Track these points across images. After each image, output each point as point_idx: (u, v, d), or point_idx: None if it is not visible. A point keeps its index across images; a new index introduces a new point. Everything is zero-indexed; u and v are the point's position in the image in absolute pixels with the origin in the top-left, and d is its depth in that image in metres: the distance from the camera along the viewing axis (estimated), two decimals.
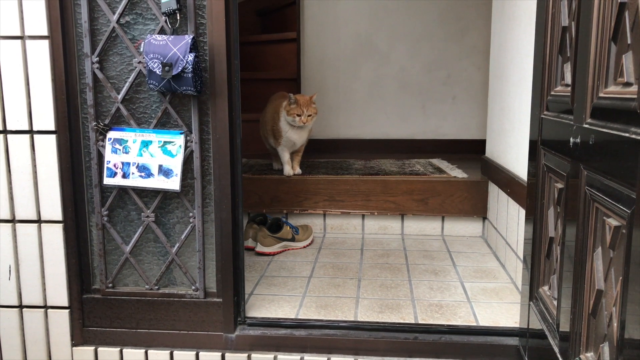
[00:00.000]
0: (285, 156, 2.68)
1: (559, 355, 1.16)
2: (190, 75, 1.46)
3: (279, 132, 2.61)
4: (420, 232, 2.63)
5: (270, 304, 1.82)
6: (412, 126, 3.60)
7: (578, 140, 1.05)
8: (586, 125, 1.01)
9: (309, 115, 2.53)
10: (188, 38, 1.45)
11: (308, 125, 2.59)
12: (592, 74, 0.99)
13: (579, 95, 1.06)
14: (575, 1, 1.13)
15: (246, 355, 1.62)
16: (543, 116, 1.35)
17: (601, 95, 0.95)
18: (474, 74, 3.50)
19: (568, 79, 1.17)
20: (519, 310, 1.66)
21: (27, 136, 1.59)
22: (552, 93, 1.30)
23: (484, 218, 2.57)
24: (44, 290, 1.67)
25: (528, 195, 1.51)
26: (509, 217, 2.11)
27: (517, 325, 1.64)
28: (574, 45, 1.11)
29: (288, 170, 2.66)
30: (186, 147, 1.56)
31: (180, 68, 1.45)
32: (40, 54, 1.55)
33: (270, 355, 1.62)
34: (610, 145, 0.89)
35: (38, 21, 1.53)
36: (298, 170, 2.70)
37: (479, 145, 2.91)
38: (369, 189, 2.59)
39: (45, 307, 1.68)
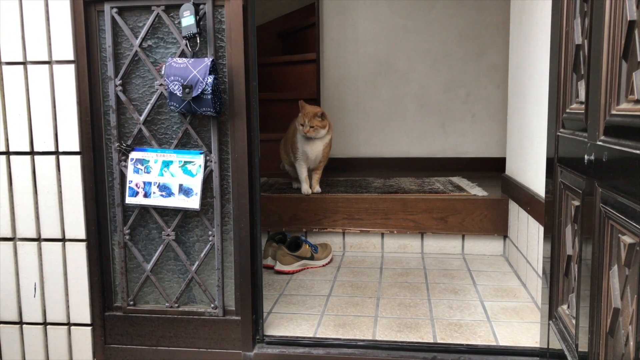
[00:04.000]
0: (302, 173, 2.66)
1: None
2: (209, 96, 1.50)
3: (295, 144, 2.64)
4: (440, 251, 2.61)
5: (288, 322, 1.82)
6: (431, 144, 3.60)
7: (592, 157, 1.05)
8: (600, 143, 1.01)
9: (312, 127, 2.53)
10: (208, 61, 1.49)
11: (313, 135, 2.57)
12: (604, 91, 0.99)
13: (592, 112, 1.06)
14: (588, 19, 1.13)
15: None
16: (559, 134, 1.35)
17: (613, 112, 0.96)
18: (493, 92, 3.49)
19: (582, 96, 1.18)
20: (539, 329, 1.64)
21: (53, 157, 1.64)
22: (568, 110, 1.30)
23: (505, 236, 2.54)
24: (68, 307, 1.70)
25: (546, 213, 1.50)
26: (529, 235, 2.09)
27: (537, 345, 1.61)
28: (587, 63, 1.12)
29: (305, 188, 2.66)
30: (206, 167, 1.60)
31: (200, 90, 1.49)
32: (67, 78, 1.61)
33: None
34: (623, 162, 0.89)
35: (65, 46, 1.59)
36: (317, 189, 2.68)
37: (499, 163, 2.90)
38: (388, 207, 2.59)
39: (69, 324, 1.71)
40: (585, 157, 1.09)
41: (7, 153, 1.66)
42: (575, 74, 1.25)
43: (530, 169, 2.13)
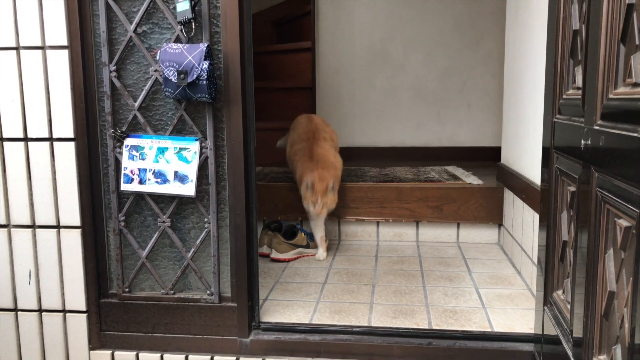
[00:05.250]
0: (317, 232, 2.40)
1: None
2: (205, 82, 1.49)
3: (306, 203, 2.29)
4: (435, 239, 2.62)
5: (284, 309, 1.82)
6: (427, 134, 3.60)
7: (589, 142, 1.05)
8: (596, 127, 1.01)
9: (324, 204, 2.24)
10: (203, 46, 1.48)
11: (327, 213, 2.30)
12: (601, 75, 0.99)
13: (589, 97, 1.06)
14: (586, 4, 1.13)
15: (260, 359, 1.63)
16: (555, 120, 1.35)
17: (611, 96, 0.96)
18: (489, 81, 3.49)
19: (579, 82, 1.18)
20: (534, 316, 1.65)
21: (47, 143, 1.63)
22: (564, 96, 1.30)
23: (500, 225, 2.55)
24: (63, 294, 1.70)
25: (542, 202, 1.51)
26: (525, 223, 2.10)
27: (532, 331, 1.62)
28: (585, 48, 1.12)
29: (321, 253, 2.38)
30: (201, 154, 1.59)
31: (195, 75, 1.47)
32: (60, 64, 1.59)
33: None
34: (620, 145, 0.89)
35: (58, 31, 1.58)
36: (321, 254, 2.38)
37: (495, 153, 2.90)
38: (384, 196, 2.60)
39: (64, 311, 1.71)
40: (582, 142, 1.09)
41: (1, 139, 1.64)
42: (572, 59, 1.25)
43: (526, 157, 2.14)
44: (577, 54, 1.20)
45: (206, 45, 1.49)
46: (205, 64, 1.47)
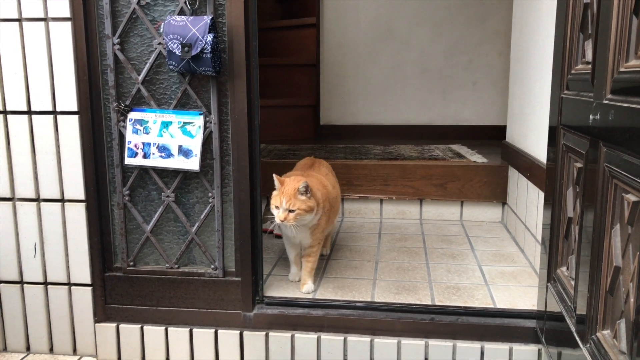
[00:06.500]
0: (290, 253, 1.85)
1: (576, 336, 1.16)
2: (209, 55, 1.47)
3: (270, 207, 1.68)
4: (438, 217, 2.62)
5: (288, 284, 1.83)
6: (432, 112, 3.58)
7: (598, 117, 1.04)
8: (606, 101, 0.99)
9: (291, 212, 1.60)
10: (207, 19, 1.46)
11: (294, 224, 1.62)
12: (613, 48, 0.98)
13: (599, 71, 1.04)
14: None
15: (264, 333, 1.65)
16: (563, 95, 1.34)
17: (622, 69, 0.94)
18: (495, 59, 3.45)
19: (589, 56, 1.16)
20: (537, 293, 1.65)
21: (51, 117, 1.62)
22: (573, 72, 1.28)
23: (504, 203, 2.55)
24: (68, 267, 1.71)
25: (547, 180, 1.50)
26: (529, 201, 2.09)
27: (534, 308, 1.63)
28: (595, 21, 1.10)
29: (293, 274, 1.86)
30: (205, 128, 1.58)
31: (199, 48, 1.46)
32: (63, 36, 1.58)
33: (288, 334, 1.64)
34: (630, 119, 0.88)
35: (61, 3, 1.56)
36: (308, 286, 1.76)
37: (500, 132, 2.88)
38: (388, 174, 2.59)
39: (69, 284, 1.72)
40: (590, 117, 1.08)
41: (4, 112, 1.63)
42: (582, 33, 1.23)
43: (531, 135, 2.12)
44: (588, 27, 1.18)
45: (210, 17, 1.47)
46: (210, 37, 1.46)
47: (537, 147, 2.03)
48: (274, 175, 1.68)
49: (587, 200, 1.13)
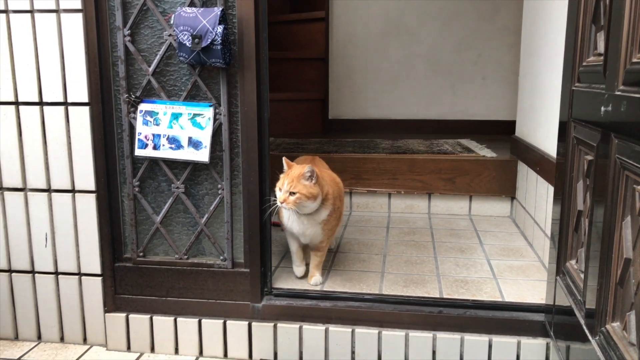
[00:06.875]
0: (292, 245, 1.81)
1: (585, 328, 1.16)
2: (219, 47, 1.47)
3: (281, 213, 1.75)
4: (447, 212, 2.62)
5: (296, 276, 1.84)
6: (441, 106, 3.57)
7: (609, 108, 1.03)
8: (618, 93, 0.99)
9: (292, 194, 1.58)
10: (217, 10, 1.47)
11: (294, 209, 1.61)
12: (625, 39, 0.97)
13: (611, 62, 1.04)
14: None
15: (272, 324, 1.66)
16: (574, 88, 1.33)
17: (634, 60, 0.93)
18: (504, 54, 3.43)
19: (601, 47, 1.15)
20: (545, 287, 1.65)
21: (62, 108, 1.63)
22: (584, 64, 1.27)
23: (513, 198, 2.54)
24: (78, 258, 1.72)
25: (557, 175, 1.49)
26: (538, 195, 2.09)
27: (543, 301, 1.63)
28: (608, 12, 1.09)
29: (297, 268, 1.83)
30: (215, 120, 1.59)
31: (209, 40, 1.46)
32: (74, 28, 1.59)
33: (296, 325, 1.64)
34: None
35: None
36: (317, 278, 1.77)
37: (509, 126, 2.87)
38: (396, 168, 2.59)
39: (79, 274, 1.74)
40: (602, 109, 1.07)
41: (17, 103, 1.65)
42: (594, 25, 1.22)
43: (541, 129, 2.11)
44: (600, 19, 1.17)
45: (221, 9, 1.47)
46: (220, 29, 1.46)
47: (547, 141, 2.02)
48: (284, 158, 1.69)
49: (597, 193, 1.13)
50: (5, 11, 1.60)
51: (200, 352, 1.71)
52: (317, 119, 3.65)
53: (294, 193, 1.59)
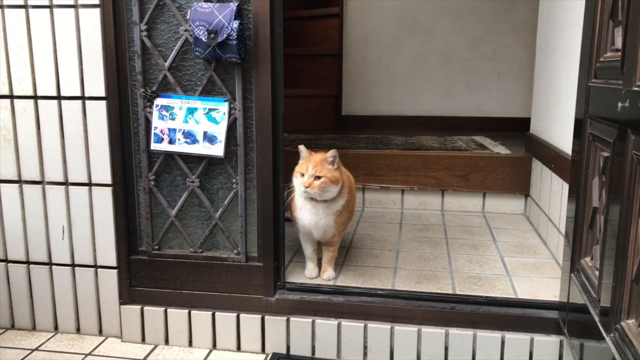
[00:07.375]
0: (306, 248, 1.79)
1: (599, 325, 1.15)
2: (234, 42, 1.48)
3: (294, 206, 1.73)
4: (460, 208, 2.61)
5: None
6: (455, 103, 3.56)
7: (627, 104, 1.02)
8: (636, 88, 0.98)
9: (317, 178, 1.58)
10: (233, 5, 1.48)
11: (318, 194, 1.61)
12: None
13: (629, 58, 1.03)
14: None
15: (285, 318, 1.67)
16: (591, 84, 1.32)
17: None
18: (519, 50, 3.41)
19: (618, 43, 1.14)
20: (559, 284, 1.64)
21: (79, 102, 1.66)
22: (601, 59, 1.26)
23: (527, 195, 2.53)
24: (94, 250, 1.75)
25: (572, 172, 1.48)
26: (552, 192, 2.07)
27: (557, 299, 1.62)
28: (627, 7, 1.08)
29: (310, 270, 1.79)
30: (230, 115, 1.60)
31: (225, 35, 1.47)
32: (92, 22, 1.60)
33: (309, 320, 1.65)
34: None
35: None
36: (329, 273, 1.77)
37: (523, 124, 2.86)
38: (409, 164, 2.58)
39: (96, 266, 1.76)
40: (619, 105, 1.06)
41: (35, 97, 1.67)
42: (612, 20, 1.21)
43: (556, 126, 2.10)
44: (618, 14, 1.16)
45: (236, 4, 1.48)
46: (235, 24, 1.47)
47: (562, 138, 2.01)
48: (300, 146, 1.69)
49: (613, 190, 1.12)
50: (25, 6, 1.62)
51: (214, 345, 1.73)
52: (330, 115, 3.66)
53: (319, 177, 1.58)
